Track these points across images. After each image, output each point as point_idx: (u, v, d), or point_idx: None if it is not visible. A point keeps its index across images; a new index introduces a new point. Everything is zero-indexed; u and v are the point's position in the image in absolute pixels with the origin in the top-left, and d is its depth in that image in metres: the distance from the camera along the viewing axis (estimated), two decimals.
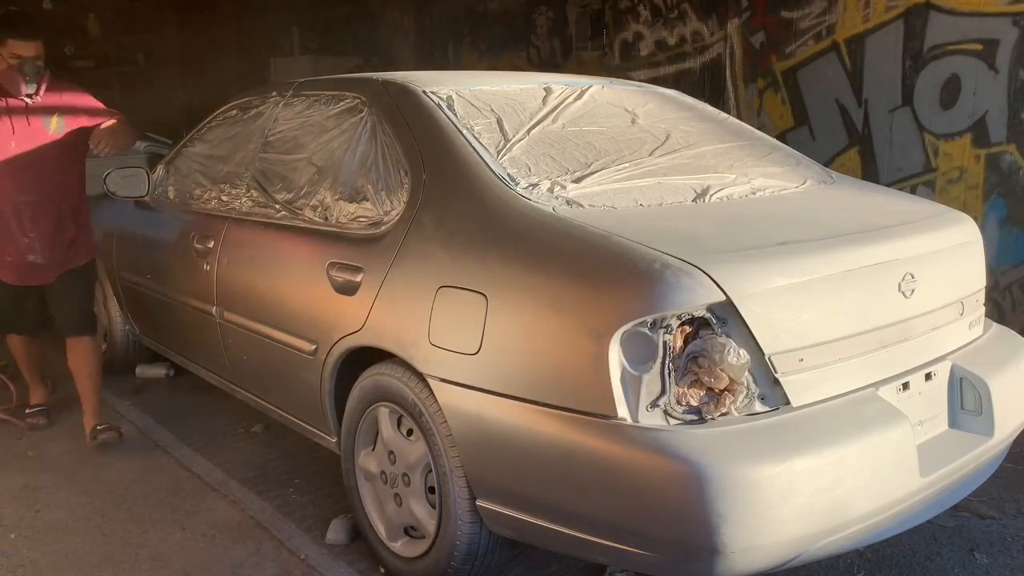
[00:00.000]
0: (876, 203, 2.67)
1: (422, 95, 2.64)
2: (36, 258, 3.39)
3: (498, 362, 2.09)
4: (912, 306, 2.19)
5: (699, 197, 2.35)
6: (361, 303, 2.47)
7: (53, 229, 3.39)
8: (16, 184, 3.29)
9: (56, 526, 2.89)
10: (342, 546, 2.74)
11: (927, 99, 4.34)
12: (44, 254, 3.39)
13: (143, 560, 2.67)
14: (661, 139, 2.72)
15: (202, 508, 3.00)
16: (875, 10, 4.52)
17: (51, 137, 3.35)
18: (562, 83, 3.00)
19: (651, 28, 5.86)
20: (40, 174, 3.32)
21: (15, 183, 3.29)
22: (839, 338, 2.04)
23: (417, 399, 2.30)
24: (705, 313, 1.89)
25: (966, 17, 4.12)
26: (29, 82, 3.24)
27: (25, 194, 3.30)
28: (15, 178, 3.28)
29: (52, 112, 3.35)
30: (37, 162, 3.31)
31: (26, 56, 3.20)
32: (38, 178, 3.32)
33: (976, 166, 4.18)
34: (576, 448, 1.95)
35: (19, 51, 3.19)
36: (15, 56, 3.19)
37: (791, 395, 1.96)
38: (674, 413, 1.89)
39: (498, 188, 2.27)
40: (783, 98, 5.07)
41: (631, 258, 1.94)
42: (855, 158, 4.71)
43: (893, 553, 2.63)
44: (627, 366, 1.88)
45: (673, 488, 1.82)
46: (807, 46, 4.88)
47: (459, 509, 2.24)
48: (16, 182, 3.29)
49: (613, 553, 1.99)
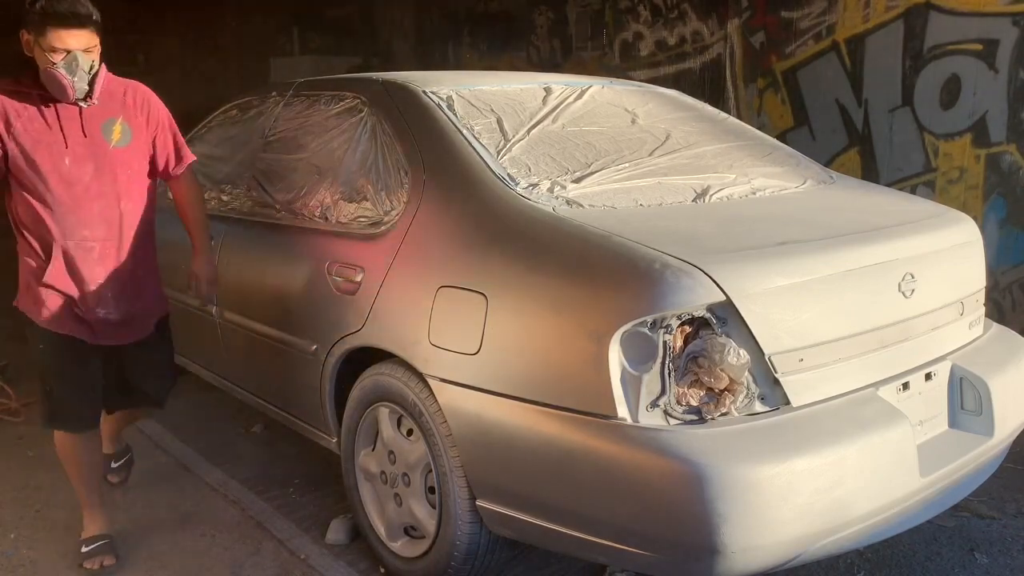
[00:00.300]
0: (876, 203, 2.67)
1: (422, 95, 2.64)
2: (108, 312, 2.55)
3: (498, 362, 2.09)
4: (912, 306, 2.19)
5: (699, 197, 2.35)
6: (361, 303, 2.47)
7: (124, 273, 2.58)
8: (77, 215, 2.47)
9: (56, 526, 2.89)
10: (342, 546, 2.74)
11: (927, 99, 4.34)
12: (117, 306, 2.56)
13: (143, 560, 2.67)
14: (661, 139, 2.72)
15: (202, 508, 3.00)
16: (875, 10, 4.52)
17: (115, 153, 2.53)
18: (562, 83, 3.00)
19: (651, 28, 5.85)
20: (104, 200, 2.51)
21: (75, 213, 2.47)
22: (839, 338, 2.04)
23: (417, 399, 2.30)
24: (705, 313, 1.89)
25: (966, 17, 4.12)
26: (77, 83, 2.38)
27: (87, 227, 2.50)
28: (75, 207, 2.47)
29: (114, 120, 2.54)
30: (99, 185, 2.50)
31: (73, 50, 2.36)
32: (102, 206, 2.51)
33: (976, 166, 4.18)
34: (576, 448, 1.95)
35: (62, 43, 2.34)
36: (57, 50, 2.35)
37: (791, 395, 1.96)
38: (674, 413, 1.89)
39: (498, 188, 2.27)
40: (783, 98, 5.07)
41: (631, 258, 1.94)
42: (855, 158, 4.71)
43: (893, 553, 2.63)
44: (627, 366, 1.88)
45: (673, 488, 1.82)
46: (807, 46, 4.88)
47: (459, 509, 2.24)
48: (76, 212, 2.47)
49: (613, 553, 1.99)
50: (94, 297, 2.51)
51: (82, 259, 2.50)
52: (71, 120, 2.47)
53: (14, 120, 2.42)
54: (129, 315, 2.59)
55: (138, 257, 2.60)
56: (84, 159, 2.47)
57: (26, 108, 2.44)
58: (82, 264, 2.50)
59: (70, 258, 2.49)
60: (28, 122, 2.43)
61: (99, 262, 2.52)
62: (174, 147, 2.71)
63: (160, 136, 2.66)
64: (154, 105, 2.65)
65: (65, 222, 2.47)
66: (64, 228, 2.47)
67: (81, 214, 2.48)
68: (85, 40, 2.38)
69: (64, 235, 2.47)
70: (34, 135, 2.43)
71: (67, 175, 2.45)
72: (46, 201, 2.45)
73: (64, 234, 2.47)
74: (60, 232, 2.46)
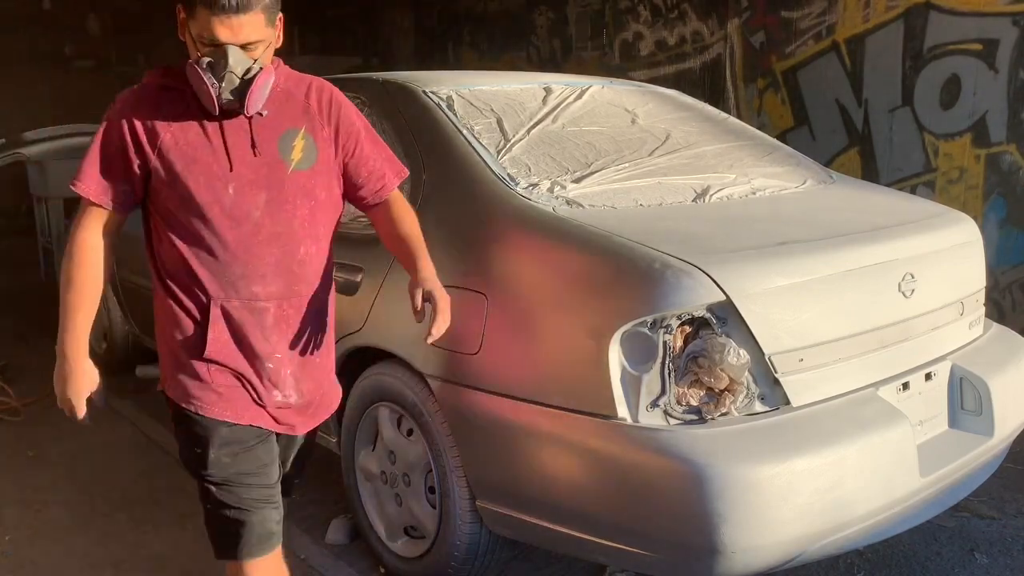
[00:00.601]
0: (876, 203, 2.67)
1: (422, 95, 2.64)
2: (287, 395, 1.85)
3: (498, 362, 2.09)
4: (912, 306, 2.19)
5: (699, 197, 2.35)
6: (361, 303, 2.47)
7: (306, 343, 1.87)
8: (244, 264, 1.77)
9: (56, 526, 2.89)
10: (342, 546, 2.74)
11: (927, 99, 4.34)
12: (298, 388, 1.87)
13: (143, 560, 2.67)
14: (661, 139, 2.72)
15: (202, 509, 2.99)
16: (875, 10, 4.52)
17: (295, 177, 1.80)
18: (562, 83, 3.00)
19: (651, 28, 5.86)
20: (281, 244, 1.80)
21: (242, 262, 1.76)
22: (839, 338, 2.04)
23: (417, 399, 2.30)
24: (705, 313, 1.89)
25: (966, 17, 4.12)
26: (223, 90, 1.66)
27: (259, 282, 1.78)
28: (242, 253, 1.76)
29: (295, 131, 1.80)
30: (274, 223, 1.78)
31: (225, 43, 1.65)
32: (279, 251, 1.79)
33: (976, 166, 4.18)
34: (576, 448, 1.95)
35: (211, 32, 1.64)
36: (206, 42, 1.66)
37: (791, 395, 1.96)
38: (674, 413, 1.89)
39: (498, 188, 2.27)
40: (783, 98, 5.08)
41: (631, 258, 1.94)
42: (855, 158, 4.71)
43: (893, 553, 2.63)
44: (627, 366, 1.88)
45: (673, 488, 1.82)
46: (807, 46, 4.89)
47: (459, 509, 2.24)
48: (244, 260, 1.76)
49: (613, 553, 1.99)
50: (270, 376, 1.82)
51: (252, 325, 1.79)
52: (238, 132, 1.75)
53: (162, 130, 1.72)
54: (311, 400, 1.91)
55: (322, 320, 1.91)
56: (254, 187, 1.75)
57: (179, 114, 1.74)
58: (252, 331, 1.79)
59: (235, 323, 1.78)
60: (180, 133, 1.73)
61: (275, 328, 1.81)
62: (379, 162, 1.92)
63: (357, 150, 1.88)
64: (345, 108, 1.88)
65: (228, 274, 1.76)
66: (227, 282, 1.76)
67: (251, 263, 1.76)
68: (246, 32, 1.65)
69: (227, 292, 1.76)
70: (188, 152, 1.72)
71: (231, 209, 1.74)
72: (203, 244, 1.75)
73: (227, 290, 1.76)
74: (221, 287, 1.76)
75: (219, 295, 1.77)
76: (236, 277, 1.77)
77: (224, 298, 1.77)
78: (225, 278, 1.77)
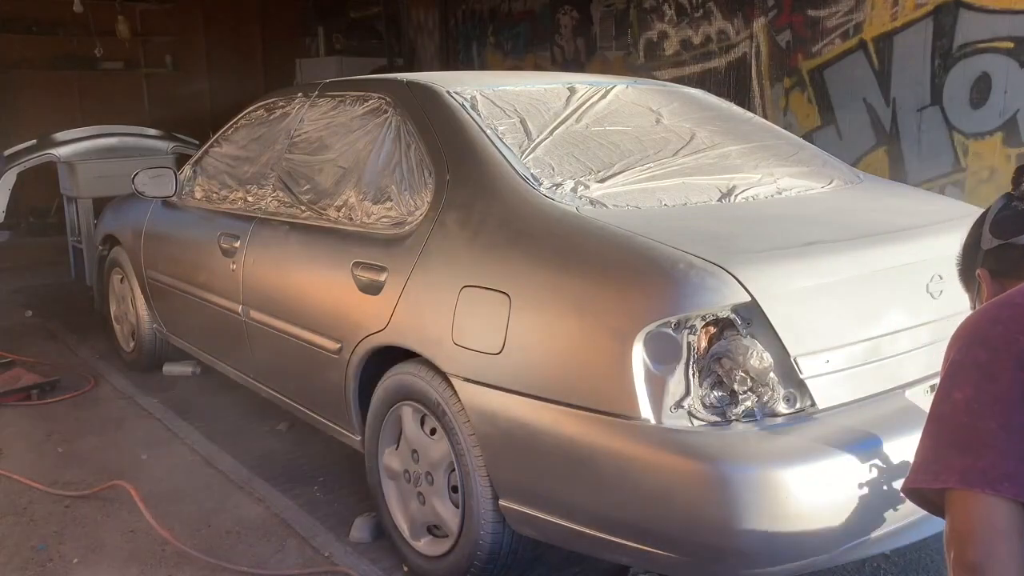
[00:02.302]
0: (904, 203, 2.64)
1: (446, 95, 2.65)
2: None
3: (521, 362, 2.09)
4: (940, 307, 2.16)
5: (724, 197, 2.34)
6: (385, 302, 2.48)
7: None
8: None
9: (85, 522, 2.93)
10: (365, 544, 2.75)
11: (956, 98, 4.28)
12: None
13: (169, 556, 2.69)
14: (686, 139, 2.70)
15: (227, 505, 3.03)
16: (904, 8, 4.46)
17: None
18: (586, 83, 2.99)
19: (676, 27, 5.83)
20: None
21: None
22: (866, 339, 2.02)
23: (440, 398, 2.31)
24: (730, 314, 1.88)
25: (996, 15, 4.06)
26: None
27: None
28: None
29: None
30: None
31: None
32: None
33: (1007, 166, 4.11)
34: (599, 449, 1.94)
35: None
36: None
37: (817, 397, 1.94)
38: (698, 414, 1.88)
39: (522, 188, 2.27)
40: (809, 97, 5.03)
41: (655, 258, 1.93)
42: (883, 158, 4.66)
43: (920, 557, 2.60)
44: (651, 367, 1.87)
45: (697, 489, 1.81)
46: (834, 45, 4.84)
47: (482, 508, 2.24)
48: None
49: (636, 554, 1.98)
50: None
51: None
52: None
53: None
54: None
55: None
56: None
57: None
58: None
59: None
60: None
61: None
62: None
63: None
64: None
65: None
66: None
67: None
68: None
69: None
70: None
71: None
72: None
73: None
74: None
75: None
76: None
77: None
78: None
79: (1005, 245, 1.32)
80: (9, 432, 3.69)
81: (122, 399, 4.09)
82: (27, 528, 2.88)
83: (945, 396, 1.17)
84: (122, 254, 4.37)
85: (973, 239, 1.40)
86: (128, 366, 4.54)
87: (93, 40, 8.88)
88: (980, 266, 1.36)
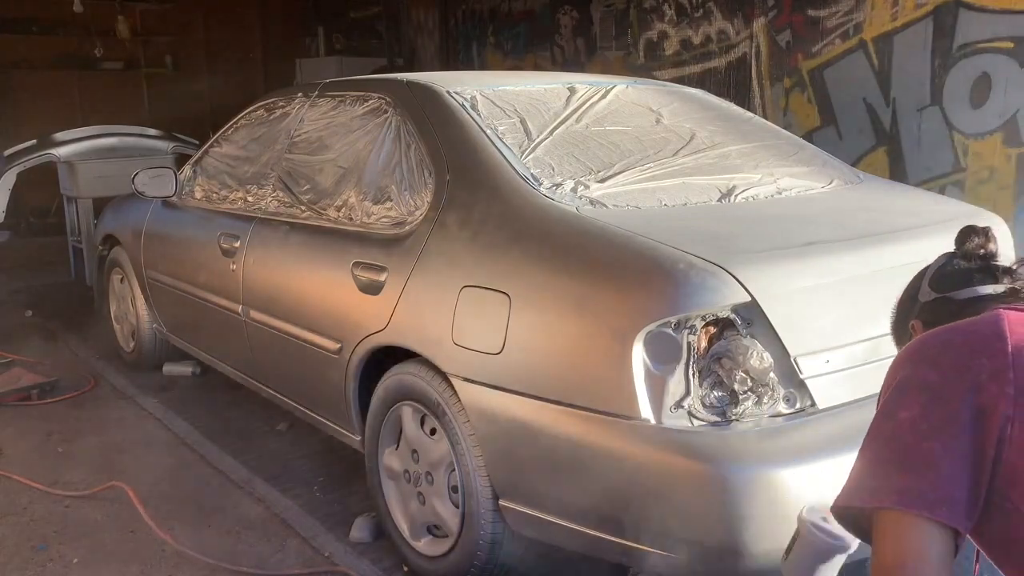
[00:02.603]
0: (904, 203, 2.64)
1: (446, 95, 2.65)
2: None
3: (521, 362, 2.09)
4: None
5: (724, 197, 2.34)
6: (385, 302, 2.48)
7: None
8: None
9: (85, 522, 2.93)
10: (365, 544, 2.75)
11: (956, 98, 4.28)
12: None
13: (169, 556, 2.69)
14: (686, 139, 2.70)
15: (227, 505, 3.03)
16: (904, 8, 4.46)
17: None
18: (586, 83, 2.99)
19: (676, 27, 5.83)
20: None
21: None
22: (866, 339, 2.02)
23: (440, 398, 2.31)
24: (730, 314, 1.88)
25: (996, 15, 4.06)
26: None
27: None
28: None
29: None
30: None
31: None
32: None
33: (1007, 166, 4.11)
34: (599, 449, 1.94)
35: None
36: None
37: (817, 396, 1.94)
38: (698, 414, 1.88)
39: (522, 188, 2.27)
40: (809, 97, 5.03)
41: (655, 258, 1.93)
42: (883, 158, 4.66)
43: None
44: (651, 367, 1.87)
45: (697, 489, 1.81)
46: (834, 45, 4.84)
47: (482, 508, 2.24)
48: None
49: (636, 554, 1.98)
50: None
51: None
52: None
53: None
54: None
55: None
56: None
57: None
58: None
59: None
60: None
61: None
62: None
63: None
64: None
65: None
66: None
67: None
68: None
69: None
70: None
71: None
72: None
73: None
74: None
75: None
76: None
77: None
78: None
79: (942, 299, 1.32)
80: (9, 432, 3.69)
81: (122, 399, 4.10)
82: (27, 528, 2.88)
83: (888, 415, 1.16)
84: (122, 254, 4.37)
85: (910, 293, 1.41)
86: (128, 366, 4.54)
87: (93, 40, 8.88)
88: (915, 317, 1.37)
